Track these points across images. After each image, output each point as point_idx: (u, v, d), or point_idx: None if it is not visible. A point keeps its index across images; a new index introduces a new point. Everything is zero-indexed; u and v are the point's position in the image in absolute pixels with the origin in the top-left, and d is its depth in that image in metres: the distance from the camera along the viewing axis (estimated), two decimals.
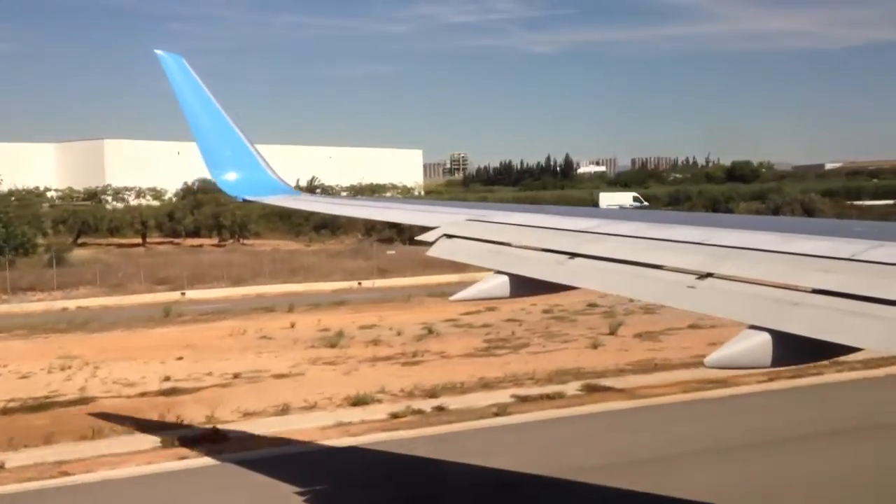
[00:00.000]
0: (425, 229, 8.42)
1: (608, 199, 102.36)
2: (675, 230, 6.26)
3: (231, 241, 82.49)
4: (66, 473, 16.89)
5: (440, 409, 21.29)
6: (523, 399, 22.19)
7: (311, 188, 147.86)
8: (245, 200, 12.74)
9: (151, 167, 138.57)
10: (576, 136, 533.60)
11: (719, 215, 25.40)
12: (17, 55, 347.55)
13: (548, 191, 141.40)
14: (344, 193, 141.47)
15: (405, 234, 79.64)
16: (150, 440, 18.86)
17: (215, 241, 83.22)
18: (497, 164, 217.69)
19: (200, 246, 79.79)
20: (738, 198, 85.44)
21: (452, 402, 21.81)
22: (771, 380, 24.07)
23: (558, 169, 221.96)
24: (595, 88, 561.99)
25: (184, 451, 18.10)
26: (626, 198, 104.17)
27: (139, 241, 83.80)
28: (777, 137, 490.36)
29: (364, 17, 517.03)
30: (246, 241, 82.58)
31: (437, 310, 39.47)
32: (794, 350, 4.46)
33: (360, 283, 49.94)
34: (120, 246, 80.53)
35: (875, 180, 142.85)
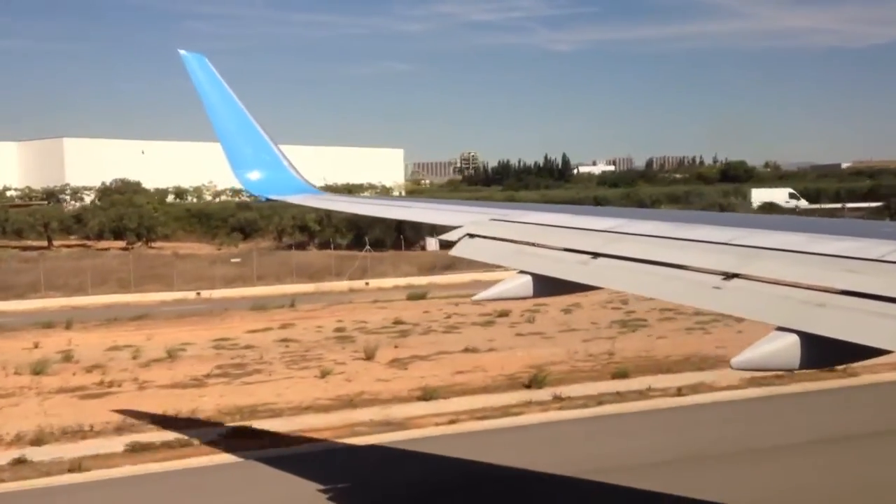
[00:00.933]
0: (447, 228, 8.38)
1: (761, 196, 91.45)
2: (700, 230, 6.20)
3: (139, 243, 79.55)
4: None
5: None
6: (98, 457, 18.39)
7: None
8: (268, 200, 12.62)
9: (114, 166, 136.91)
10: (593, 134, 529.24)
11: (747, 215, 22.89)
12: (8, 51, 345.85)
13: (528, 191, 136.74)
14: None
15: (318, 240, 76.80)
16: None
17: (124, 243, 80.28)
18: (496, 164, 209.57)
19: (107, 249, 76.85)
20: (664, 199, 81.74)
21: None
22: (452, 422, 20.67)
23: (557, 168, 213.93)
24: (615, 87, 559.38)
25: None
26: (780, 194, 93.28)
27: (45, 244, 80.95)
28: (799, 136, 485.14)
29: (383, 15, 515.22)
30: (154, 244, 79.65)
31: (232, 326, 36.27)
32: (822, 352, 4.41)
33: (198, 294, 46.75)
34: (25, 249, 77.71)
35: (869, 180, 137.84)
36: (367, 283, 50.41)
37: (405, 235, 68.61)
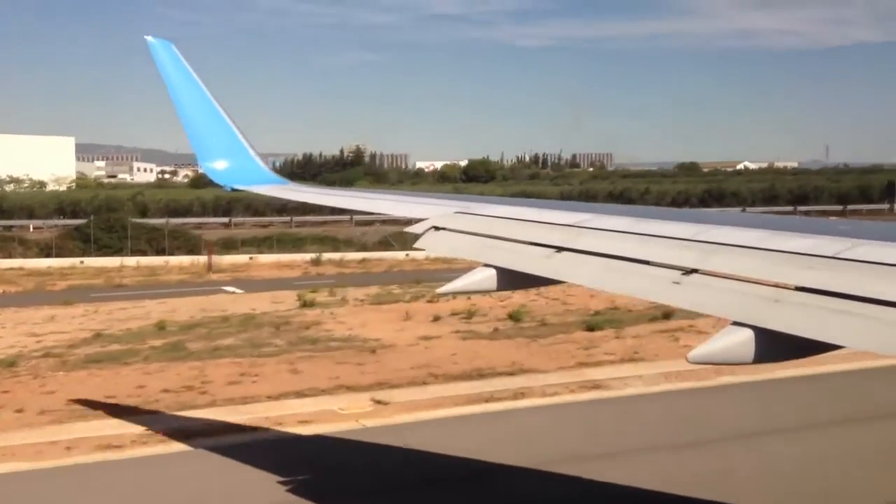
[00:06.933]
0: (413, 221, 8.33)
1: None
2: (663, 225, 6.26)
3: None
4: None
5: None
6: None
7: None
8: (233, 190, 12.24)
9: None
10: (523, 130, 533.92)
11: (709, 211, 22.85)
12: None
13: None
14: None
15: None
16: None
17: None
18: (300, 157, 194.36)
19: None
20: None
21: None
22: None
23: (349, 162, 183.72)
24: (571, 83, 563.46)
25: None
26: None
27: None
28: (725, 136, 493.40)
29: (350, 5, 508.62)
30: None
31: None
32: (776, 347, 4.49)
33: None
34: None
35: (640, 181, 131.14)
36: None
37: None
